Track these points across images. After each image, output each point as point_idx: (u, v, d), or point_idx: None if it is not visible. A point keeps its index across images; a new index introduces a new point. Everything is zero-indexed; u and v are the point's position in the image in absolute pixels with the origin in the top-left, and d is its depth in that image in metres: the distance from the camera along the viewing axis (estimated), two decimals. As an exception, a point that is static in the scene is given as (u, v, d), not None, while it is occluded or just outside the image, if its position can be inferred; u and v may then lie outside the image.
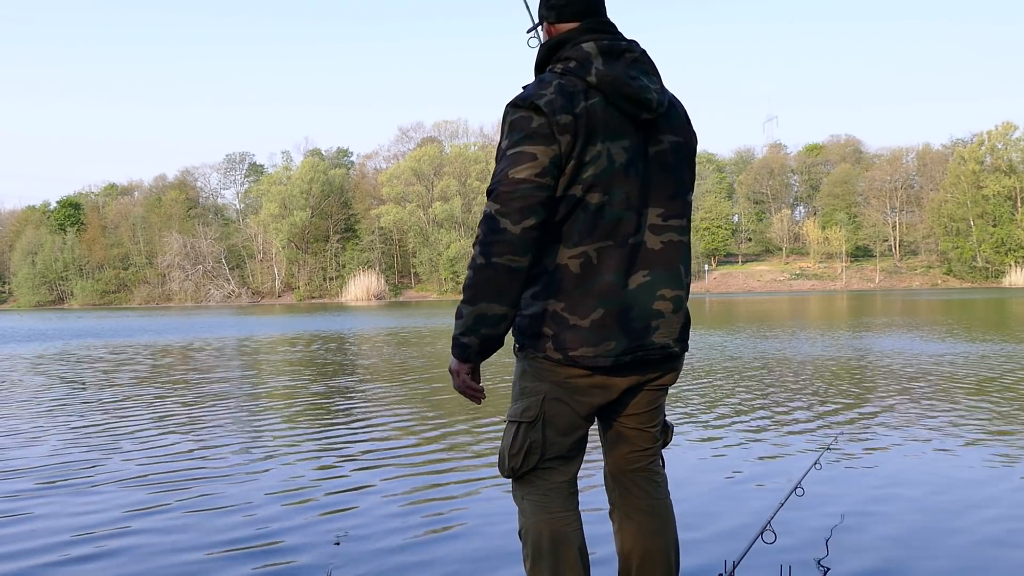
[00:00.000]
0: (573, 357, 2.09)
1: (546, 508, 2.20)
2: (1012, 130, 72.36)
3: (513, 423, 2.21)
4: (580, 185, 2.04)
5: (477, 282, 2.05)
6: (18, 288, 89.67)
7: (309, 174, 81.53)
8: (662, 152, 2.17)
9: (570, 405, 2.17)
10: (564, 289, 2.08)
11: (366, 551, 3.54)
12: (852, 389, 8.40)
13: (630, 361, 2.13)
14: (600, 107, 2.05)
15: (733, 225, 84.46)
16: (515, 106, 2.06)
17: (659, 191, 2.16)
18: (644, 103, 2.10)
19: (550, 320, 2.10)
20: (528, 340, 2.16)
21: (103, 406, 8.34)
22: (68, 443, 6.29)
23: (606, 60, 2.09)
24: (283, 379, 10.76)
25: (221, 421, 7.22)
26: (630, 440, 2.33)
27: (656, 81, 2.17)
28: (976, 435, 5.82)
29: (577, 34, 2.14)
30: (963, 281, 71.00)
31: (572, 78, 2.07)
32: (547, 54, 2.19)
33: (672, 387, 8.43)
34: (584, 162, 2.04)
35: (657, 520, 2.34)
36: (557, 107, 2.01)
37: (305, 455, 5.65)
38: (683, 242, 2.22)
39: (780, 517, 3.21)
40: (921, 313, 25.32)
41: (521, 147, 2.01)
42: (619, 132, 2.08)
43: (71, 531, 3.96)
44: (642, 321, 2.13)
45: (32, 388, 10.22)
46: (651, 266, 2.13)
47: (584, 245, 2.07)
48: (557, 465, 2.22)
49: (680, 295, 2.20)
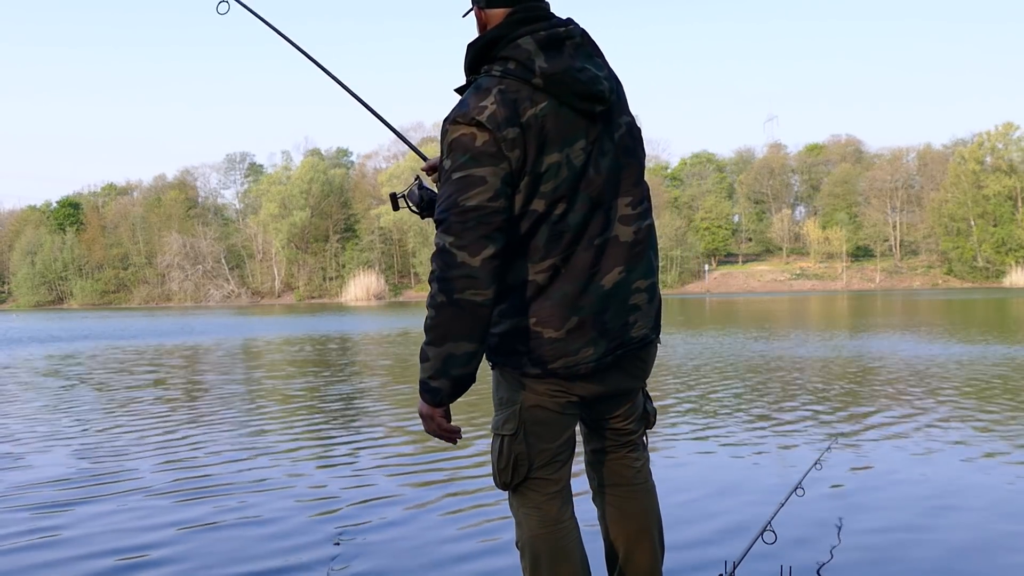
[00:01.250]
0: (553, 370, 2.02)
1: (542, 521, 2.13)
2: (1013, 130, 72.26)
3: (497, 436, 2.14)
4: (541, 199, 1.94)
5: (440, 322, 1.91)
6: (17, 288, 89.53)
7: (309, 174, 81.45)
8: (623, 136, 2.08)
9: (550, 408, 2.10)
10: (534, 304, 1.99)
11: (366, 551, 3.53)
12: (853, 389, 8.38)
13: (612, 361, 2.08)
14: (550, 111, 1.92)
15: (733, 225, 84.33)
16: (455, 123, 1.90)
17: (626, 179, 2.07)
18: (597, 96, 1.97)
19: (523, 336, 2.01)
20: (502, 359, 2.08)
21: (110, 409, 8.29)
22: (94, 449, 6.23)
23: (548, 55, 1.93)
24: (283, 379, 10.73)
25: (220, 421, 7.19)
26: (608, 429, 2.30)
27: (602, 65, 2.05)
28: (978, 436, 5.80)
29: (510, 28, 1.96)
30: (964, 281, 70.90)
31: (513, 82, 1.91)
32: (479, 53, 2.00)
33: (673, 387, 8.59)
34: (540, 173, 1.92)
35: (639, 504, 2.32)
36: (501, 120, 1.86)
37: (305, 455, 5.64)
38: (650, 224, 2.15)
39: (781, 517, 3.20)
40: (922, 314, 25.29)
41: (468, 170, 1.87)
42: (575, 133, 1.96)
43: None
44: (620, 319, 2.06)
45: (49, 391, 10.13)
46: (625, 261, 2.05)
47: (551, 258, 1.98)
48: (549, 474, 2.15)
49: (653, 282, 2.14)
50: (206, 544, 3.69)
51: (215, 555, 3.53)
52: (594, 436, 2.34)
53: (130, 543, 3.73)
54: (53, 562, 3.52)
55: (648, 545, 2.31)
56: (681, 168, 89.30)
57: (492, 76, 1.94)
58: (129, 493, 4.66)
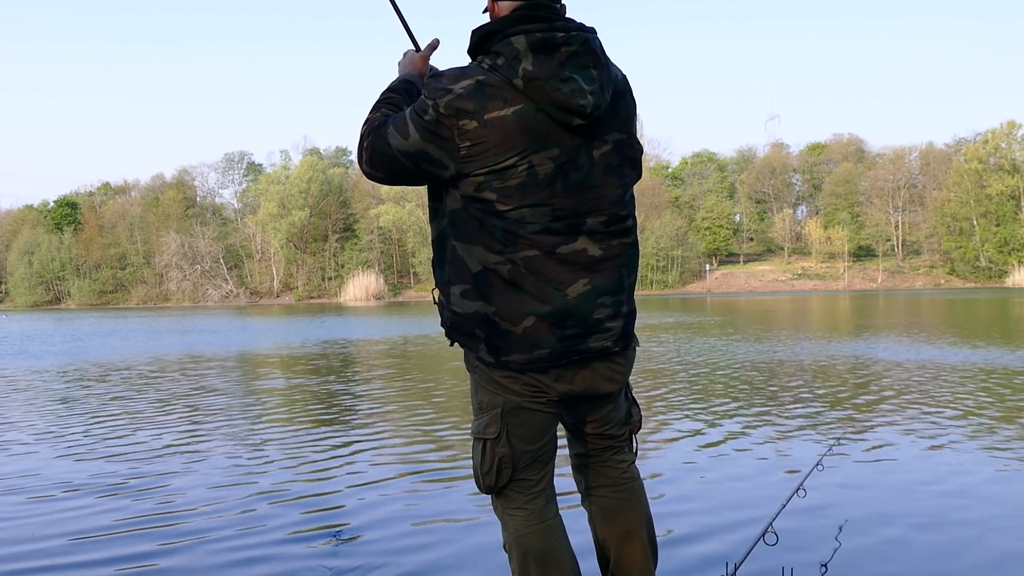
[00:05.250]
0: (505, 361, 2.06)
1: (527, 522, 2.15)
2: (1016, 129, 72.19)
3: (479, 440, 2.15)
4: (493, 192, 1.98)
5: (371, 126, 2.11)
6: (15, 288, 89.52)
7: (308, 173, 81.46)
8: (606, 155, 2.07)
9: (531, 409, 2.11)
10: (495, 294, 2.03)
11: (366, 551, 3.51)
12: (855, 390, 8.30)
13: (565, 364, 2.09)
14: (525, 113, 1.95)
15: (735, 225, 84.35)
16: (426, 87, 2.02)
17: (603, 196, 2.06)
18: (575, 109, 1.96)
19: (482, 323, 2.06)
20: (459, 337, 2.14)
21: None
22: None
23: (537, 58, 1.94)
24: (281, 379, 10.68)
25: (219, 421, 7.14)
26: (589, 433, 2.31)
27: (598, 76, 2.00)
28: (980, 438, 5.72)
29: (509, 24, 1.99)
30: (966, 281, 70.79)
31: (497, 77, 1.96)
32: (477, 43, 2.06)
33: (673, 387, 8.40)
34: (495, 171, 1.96)
35: (627, 504, 2.32)
36: (460, 109, 1.94)
37: (305, 455, 5.58)
38: (626, 244, 2.13)
39: (782, 519, 3.18)
40: (924, 314, 25.37)
41: (409, 122, 2.01)
42: (548, 140, 1.97)
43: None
44: (578, 329, 2.06)
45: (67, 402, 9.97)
46: (591, 274, 2.05)
47: (509, 253, 2.01)
48: (532, 475, 2.16)
49: (621, 299, 2.13)
50: (206, 545, 3.64)
51: (215, 555, 3.49)
52: (577, 440, 2.36)
53: (130, 548, 3.64)
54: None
55: (639, 545, 2.31)
56: (682, 167, 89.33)
57: (481, 67, 1.99)
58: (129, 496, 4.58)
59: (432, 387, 9.04)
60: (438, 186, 2.09)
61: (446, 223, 2.08)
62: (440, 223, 2.11)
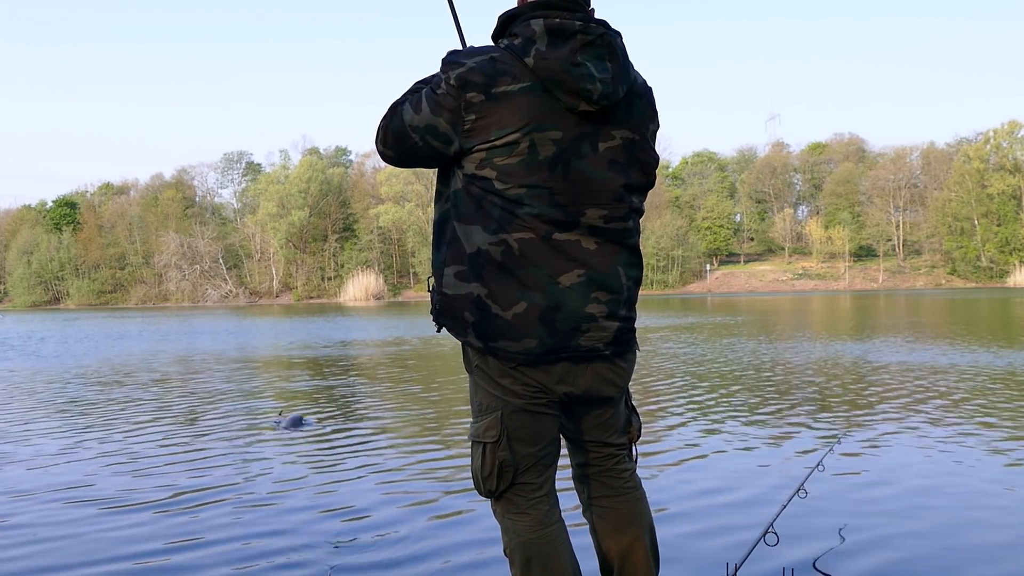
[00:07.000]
0: (493, 348, 2.03)
1: (529, 526, 2.12)
2: (1017, 128, 72.12)
3: (478, 443, 2.12)
4: (493, 170, 1.99)
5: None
6: (13, 288, 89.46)
7: (307, 173, 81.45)
8: (613, 150, 2.06)
9: (532, 411, 2.09)
10: (487, 275, 2.02)
11: (366, 550, 3.52)
12: (856, 391, 8.28)
13: (553, 360, 2.05)
14: (532, 92, 1.97)
15: (735, 224, 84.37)
16: (443, 61, 2.05)
17: (603, 192, 2.04)
18: (582, 93, 1.96)
19: (472, 305, 2.04)
20: (447, 321, 2.11)
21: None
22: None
23: (551, 42, 1.97)
24: (283, 380, 10.68)
25: (217, 421, 7.16)
26: (590, 441, 2.29)
27: (612, 68, 2.01)
28: (981, 439, 5.71)
29: (531, 9, 2.03)
30: (967, 281, 70.79)
31: (509, 55, 1.99)
32: (500, 27, 2.10)
33: (674, 388, 8.38)
34: (497, 146, 1.97)
35: (629, 512, 2.30)
36: (469, 81, 1.96)
37: (305, 455, 5.57)
38: (625, 244, 2.11)
39: (782, 519, 3.19)
40: (925, 315, 25.37)
41: (424, 98, 2.03)
42: (552, 121, 1.98)
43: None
44: (570, 323, 2.03)
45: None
46: (586, 266, 2.04)
47: (503, 233, 2.00)
48: (534, 478, 2.13)
49: (618, 299, 2.10)
50: (206, 546, 3.64)
51: (215, 557, 3.49)
52: (577, 450, 2.34)
53: (131, 550, 3.63)
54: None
55: (642, 554, 2.28)
56: (682, 167, 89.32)
57: (499, 47, 2.03)
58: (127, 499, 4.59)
59: (435, 387, 9.03)
60: (446, 168, 2.11)
61: (449, 204, 2.09)
62: (444, 205, 2.12)
